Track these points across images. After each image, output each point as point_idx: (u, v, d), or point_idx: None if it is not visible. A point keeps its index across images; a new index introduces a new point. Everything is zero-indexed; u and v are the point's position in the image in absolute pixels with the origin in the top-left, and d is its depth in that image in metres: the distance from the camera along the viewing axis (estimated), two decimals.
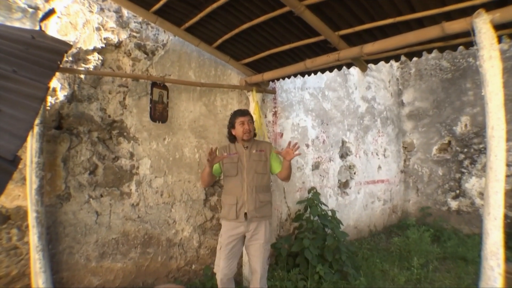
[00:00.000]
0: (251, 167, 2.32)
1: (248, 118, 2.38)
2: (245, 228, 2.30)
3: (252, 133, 2.40)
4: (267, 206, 2.36)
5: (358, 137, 4.79)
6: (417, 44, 2.08)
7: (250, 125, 2.36)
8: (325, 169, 4.25)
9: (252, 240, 2.32)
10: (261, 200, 2.31)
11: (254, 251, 2.32)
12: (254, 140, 2.46)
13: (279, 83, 3.70)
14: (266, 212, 2.34)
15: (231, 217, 2.30)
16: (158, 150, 2.84)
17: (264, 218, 2.33)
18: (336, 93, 4.49)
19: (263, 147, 2.42)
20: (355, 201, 4.70)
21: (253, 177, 2.31)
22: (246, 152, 2.36)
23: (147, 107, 2.75)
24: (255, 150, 2.38)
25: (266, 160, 2.37)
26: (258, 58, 2.89)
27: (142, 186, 2.75)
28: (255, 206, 2.28)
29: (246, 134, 2.33)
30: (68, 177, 2.42)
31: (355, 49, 2.23)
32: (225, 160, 2.36)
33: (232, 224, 2.31)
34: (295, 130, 3.89)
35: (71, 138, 2.44)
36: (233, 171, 2.33)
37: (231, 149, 2.41)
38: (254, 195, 2.29)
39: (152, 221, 2.80)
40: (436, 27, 1.84)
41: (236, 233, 2.31)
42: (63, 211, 2.39)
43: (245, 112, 2.41)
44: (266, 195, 2.37)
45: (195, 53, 3.08)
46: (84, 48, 2.50)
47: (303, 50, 2.58)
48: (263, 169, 2.36)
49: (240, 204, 2.29)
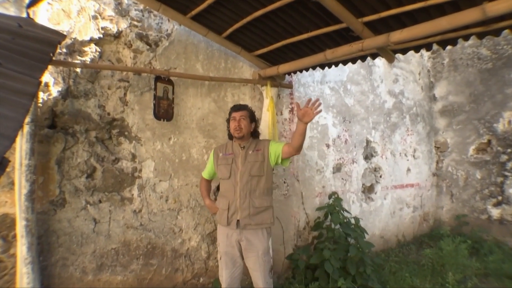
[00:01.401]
0: (245, 169, 2.28)
1: (241, 114, 2.33)
2: (238, 236, 2.26)
3: (245, 131, 2.33)
4: (266, 212, 2.28)
5: (384, 136, 4.71)
6: (452, 30, 2.00)
7: (243, 121, 2.31)
8: (347, 172, 4.19)
9: (248, 252, 2.27)
10: (257, 206, 2.24)
11: (253, 264, 2.26)
12: (252, 139, 2.41)
13: (296, 77, 3.67)
14: (264, 219, 2.26)
15: (223, 223, 2.29)
16: (163, 151, 2.83)
17: (261, 226, 2.26)
18: (360, 87, 4.42)
19: (260, 145, 2.36)
20: (381, 208, 4.62)
21: (248, 180, 2.25)
22: (242, 153, 2.33)
23: (150, 103, 2.74)
24: (252, 150, 2.34)
25: (263, 160, 2.30)
26: (272, 49, 2.86)
27: (145, 191, 2.74)
28: (249, 213, 2.22)
29: (236, 131, 2.30)
30: (63, 181, 2.41)
31: (381, 37, 2.17)
32: (219, 161, 2.36)
33: (226, 230, 2.30)
34: (314, 129, 3.84)
35: (66, 138, 2.43)
36: (226, 173, 2.31)
37: (227, 149, 2.40)
38: (248, 201, 2.24)
39: (156, 230, 2.78)
40: (475, 9, 1.72)
41: (231, 240, 2.29)
42: (56, 219, 2.38)
43: (240, 107, 2.37)
44: (264, 200, 2.29)
45: (203, 44, 3.06)
46: (80, 38, 2.49)
47: (323, 40, 2.54)
48: (259, 170, 2.28)
49: (232, 210, 2.26)
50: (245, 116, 2.35)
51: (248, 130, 2.35)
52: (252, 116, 2.40)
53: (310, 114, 2.05)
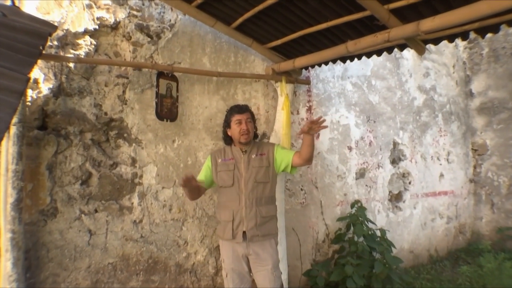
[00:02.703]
0: (250, 176, 2.31)
1: (247, 116, 2.37)
2: (244, 250, 2.29)
3: (252, 135, 2.37)
4: (271, 222, 2.35)
5: (413, 138, 4.65)
6: (493, 15, 1.91)
7: (249, 124, 2.35)
8: (372, 178, 4.15)
9: (257, 266, 2.31)
10: (264, 215, 2.29)
11: (263, 280, 2.29)
12: (254, 142, 2.45)
13: (314, 71, 3.66)
14: (270, 229, 2.33)
15: (227, 237, 2.29)
16: (166, 155, 2.82)
17: (268, 237, 2.31)
18: (386, 83, 4.38)
19: (264, 149, 2.41)
20: (411, 218, 4.56)
21: (253, 188, 2.29)
22: (245, 157, 2.36)
23: (152, 102, 2.73)
24: (255, 154, 2.37)
25: (268, 166, 2.36)
26: (288, 41, 2.83)
27: (147, 199, 2.73)
28: (256, 223, 2.26)
29: (244, 136, 2.32)
30: (55, 188, 2.40)
31: (410, 26, 2.13)
32: (219, 168, 2.37)
33: (230, 244, 2.32)
34: (334, 130, 3.83)
35: (58, 141, 2.42)
36: (229, 180, 2.32)
37: (226, 154, 2.42)
38: (254, 210, 2.27)
39: (158, 242, 2.77)
40: None
41: (237, 255, 2.31)
42: (47, 230, 2.37)
43: (244, 109, 2.40)
44: (270, 209, 2.35)
45: (210, 35, 3.05)
46: (73, 30, 2.49)
47: (344, 30, 2.51)
48: (265, 176, 2.33)
49: (237, 221, 2.27)
50: (250, 118, 2.39)
51: (252, 133, 2.38)
52: (254, 118, 2.45)
53: (315, 128, 2.15)
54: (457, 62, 5.41)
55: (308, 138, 2.20)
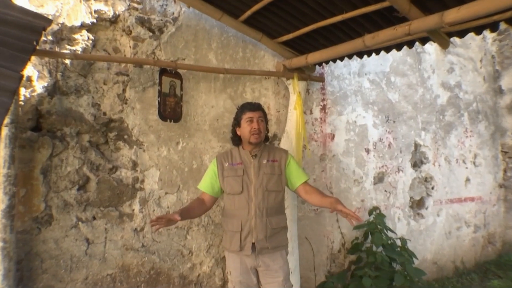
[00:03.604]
0: (261, 183, 2.29)
1: (259, 115, 2.34)
2: (253, 262, 2.29)
3: (263, 136, 2.35)
4: (282, 233, 2.37)
5: (437, 139, 4.59)
6: None
7: (261, 124, 2.33)
8: (391, 183, 4.11)
9: (267, 278, 2.30)
10: (274, 227, 2.28)
11: None
12: (264, 145, 2.43)
13: (329, 68, 3.66)
14: (280, 241, 2.34)
15: (234, 248, 2.28)
16: (170, 158, 2.82)
17: (279, 249, 2.31)
18: (406, 79, 4.34)
19: (277, 155, 2.38)
20: (434, 227, 4.49)
21: (264, 196, 2.27)
22: (254, 162, 2.33)
23: (154, 101, 2.74)
24: (266, 159, 2.34)
25: (280, 174, 2.35)
26: (300, 35, 2.82)
27: (149, 206, 2.73)
28: (266, 234, 2.25)
29: (254, 135, 2.29)
30: (50, 193, 2.41)
31: (433, 17, 2.09)
32: (226, 173, 2.35)
33: (238, 256, 2.31)
34: (350, 130, 3.81)
35: (53, 143, 2.43)
36: (237, 187, 2.29)
37: (234, 158, 2.38)
38: (265, 220, 2.26)
39: (161, 252, 2.76)
40: None
41: (245, 267, 2.31)
42: (41, 239, 2.38)
43: (256, 107, 2.37)
44: (280, 219, 2.36)
45: (217, 29, 3.05)
46: (69, 24, 2.49)
47: (361, 22, 2.48)
48: (277, 185, 2.32)
49: (245, 231, 2.26)
50: (263, 118, 2.36)
51: (264, 134, 2.36)
52: (266, 117, 2.43)
53: (348, 217, 2.04)
54: (485, 56, 5.31)
55: (327, 206, 2.19)
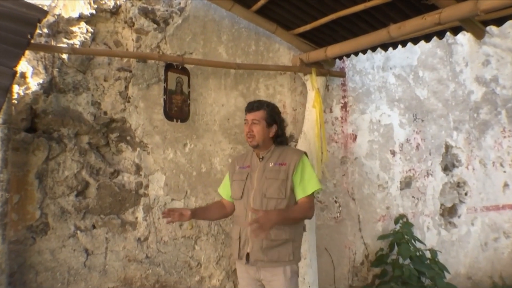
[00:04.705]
0: (260, 188, 2.24)
1: (253, 117, 2.28)
2: (255, 274, 2.25)
3: (260, 139, 2.27)
4: (284, 247, 2.20)
5: (470, 140, 4.46)
6: None
7: (255, 126, 2.26)
8: (420, 188, 4.02)
9: None
10: (273, 238, 2.16)
11: None
12: (275, 147, 2.36)
13: (350, 62, 3.62)
14: (281, 256, 2.19)
15: (235, 256, 2.30)
16: (176, 161, 2.82)
17: (279, 264, 2.19)
18: (436, 74, 4.24)
19: (287, 158, 2.28)
20: (468, 237, 4.37)
21: (262, 203, 2.21)
22: (260, 166, 2.30)
23: (159, 99, 2.73)
24: (273, 162, 2.28)
25: (285, 179, 2.24)
26: (318, 26, 2.79)
27: (153, 213, 2.72)
28: (262, 246, 2.17)
29: (248, 139, 2.30)
30: (46, 200, 2.42)
31: (466, 4, 2.03)
32: (235, 176, 2.37)
33: (243, 266, 2.29)
34: (374, 130, 3.75)
35: (49, 145, 2.44)
36: (238, 192, 2.30)
37: (245, 160, 2.39)
38: None
39: (167, 263, 2.75)
40: None
41: (252, 277, 2.29)
42: (36, 250, 2.38)
43: (252, 107, 2.32)
44: (283, 231, 2.18)
45: (227, 21, 3.05)
46: (66, 15, 2.51)
47: (385, 11, 2.44)
48: (278, 192, 2.21)
49: (243, 240, 2.25)
50: (259, 119, 2.27)
51: (264, 136, 2.27)
52: (272, 117, 2.32)
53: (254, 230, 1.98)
54: None
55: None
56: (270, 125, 2.29)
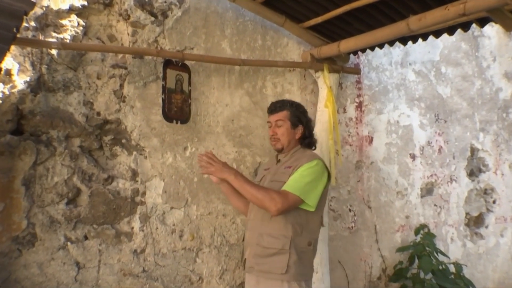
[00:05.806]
0: None
1: (277, 118, 2.28)
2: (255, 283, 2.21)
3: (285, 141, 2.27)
4: (279, 258, 2.10)
5: (499, 142, 4.44)
6: None
7: (279, 129, 2.27)
8: (442, 195, 4.01)
9: None
10: (266, 246, 2.13)
11: None
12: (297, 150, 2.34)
13: (365, 57, 3.62)
14: (272, 267, 2.10)
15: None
16: (176, 166, 2.81)
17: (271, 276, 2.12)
18: (460, 69, 4.23)
19: (296, 161, 2.26)
20: (497, 250, 4.35)
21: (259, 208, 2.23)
22: (275, 169, 2.36)
23: (157, 99, 2.72)
24: (284, 166, 2.29)
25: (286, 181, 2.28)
26: (331, 18, 2.79)
27: (151, 223, 2.70)
28: (255, 253, 2.18)
29: (272, 143, 2.34)
30: (33, 208, 2.39)
31: None
32: (256, 178, 2.49)
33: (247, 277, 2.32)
34: (392, 132, 3.75)
35: (37, 148, 2.42)
36: None
37: (268, 163, 2.53)
38: (256, 236, 2.21)
39: (165, 277, 2.73)
40: None
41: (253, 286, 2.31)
42: (22, 263, 2.36)
43: (275, 107, 2.32)
44: (278, 240, 2.11)
45: (231, 13, 3.04)
46: (55, 7, 2.49)
47: (404, 2, 2.45)
48: None
49: (245, 244, 2.38)
50: (284, 119, 2.27)
51: (289, 138, 2.26)
52: (297, 117, 2.31)
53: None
54: None
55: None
56: (296, 125, 2.28)
